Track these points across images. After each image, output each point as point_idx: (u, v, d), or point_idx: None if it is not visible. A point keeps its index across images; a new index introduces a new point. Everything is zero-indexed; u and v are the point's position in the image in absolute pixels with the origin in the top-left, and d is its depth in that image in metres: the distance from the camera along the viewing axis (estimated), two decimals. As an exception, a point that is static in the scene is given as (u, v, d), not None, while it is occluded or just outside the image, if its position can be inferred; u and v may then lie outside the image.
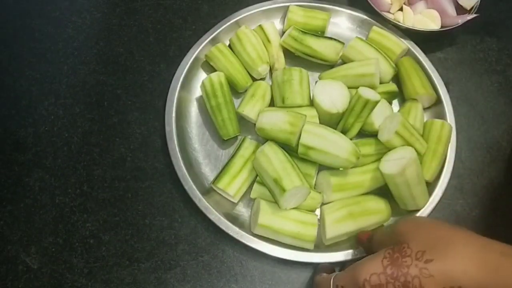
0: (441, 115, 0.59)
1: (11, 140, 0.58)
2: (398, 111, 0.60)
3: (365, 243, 0.47)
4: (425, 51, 0.64)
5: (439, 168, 0.56)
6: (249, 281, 0.52)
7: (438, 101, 0.61)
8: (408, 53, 0.64)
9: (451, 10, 0.65)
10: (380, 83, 0.61)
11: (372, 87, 0.58)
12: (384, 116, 0.56)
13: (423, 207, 0.53)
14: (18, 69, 0.62)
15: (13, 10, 0.67)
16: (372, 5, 0.65)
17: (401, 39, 0.64)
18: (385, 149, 0.54)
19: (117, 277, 0.51)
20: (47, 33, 0.65)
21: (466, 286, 0.34)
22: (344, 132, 0.56)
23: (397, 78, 0.63)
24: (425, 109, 0.61)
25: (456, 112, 0.59)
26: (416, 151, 0.52)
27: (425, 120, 0.59)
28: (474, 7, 0.65)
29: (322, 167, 0.55)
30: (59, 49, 0.64)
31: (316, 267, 0.50)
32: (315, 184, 0.55)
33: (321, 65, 0.63)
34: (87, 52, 0.64)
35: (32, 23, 0.66)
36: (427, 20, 0.65)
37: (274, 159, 0.50)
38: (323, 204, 0.54)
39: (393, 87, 0.61)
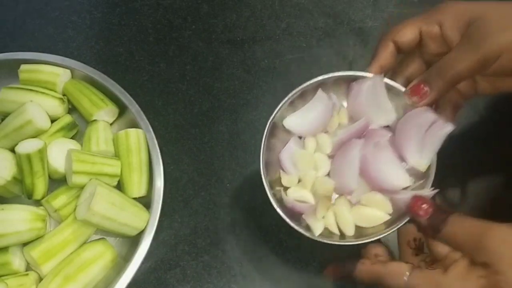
0: (133, 122, 0.54)
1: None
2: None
3: (423, 220, 0.36)
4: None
5: (147, 177, 0.52)
6: (249, 281, 0.52)
7: (125, 108, 0.54)
8: (74, 74, 0.57)
9: (401, 179, 0.43)
10: (55, 120, 0.54)
11: (40, 132, 0.52)
12: (64, 155, 0.50)
13: (144, 227, 0.49)
14: (18, 69, 0.62)
15: (13, 10, 0.67)
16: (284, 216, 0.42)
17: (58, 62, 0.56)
18: (79, 191, 0.49)
19: (117, 277, 0.51)
20: (47, 33, 0.65)
21: None
22: (30, 195, 0.49)
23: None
24: (115, 121, 0.57)
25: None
26: (110, 175, 0.50)
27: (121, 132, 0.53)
28: (431, 168, 0.43)
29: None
30: (59, 49, 0.64)
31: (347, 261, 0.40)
32: (27, 264, 0.49)
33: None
34: (87, 52, 0.64)
35: (32, 23, 0.66)
36: (372, 211, 0.44)
37: None
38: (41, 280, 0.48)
39: (67, 118, 0.55)
